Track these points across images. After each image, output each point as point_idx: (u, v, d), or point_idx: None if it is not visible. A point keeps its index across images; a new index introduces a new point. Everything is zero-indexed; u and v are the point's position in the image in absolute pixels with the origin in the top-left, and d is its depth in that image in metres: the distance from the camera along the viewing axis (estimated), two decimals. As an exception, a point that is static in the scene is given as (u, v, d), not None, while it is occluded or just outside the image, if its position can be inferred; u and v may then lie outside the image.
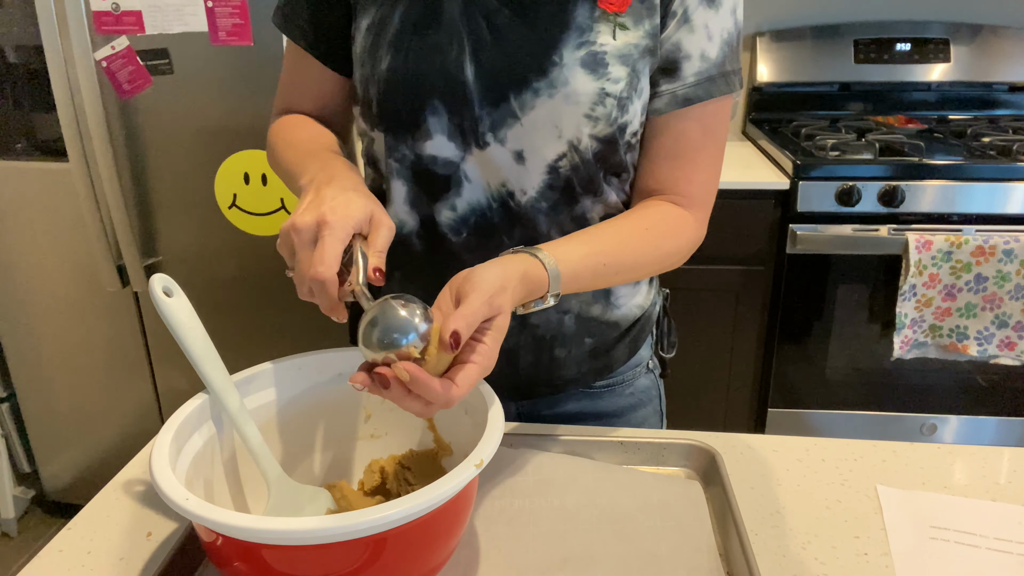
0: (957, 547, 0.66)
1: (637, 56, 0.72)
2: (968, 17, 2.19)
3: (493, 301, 0.58)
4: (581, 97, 0.71)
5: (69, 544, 0.67)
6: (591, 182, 0.76)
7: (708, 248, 0.75)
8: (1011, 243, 1.67)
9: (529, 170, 0.74)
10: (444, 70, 0.72)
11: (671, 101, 0.74)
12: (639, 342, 0.89)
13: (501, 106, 0.72)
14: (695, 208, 0.78)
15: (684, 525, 0.68)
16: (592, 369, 0.86)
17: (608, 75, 0.71)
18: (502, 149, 0.73)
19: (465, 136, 0.74)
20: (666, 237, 0.76)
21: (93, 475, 2.08)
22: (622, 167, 0.78)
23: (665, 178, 0.77)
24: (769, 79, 2.22)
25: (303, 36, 0.81)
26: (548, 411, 0.88)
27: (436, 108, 0.73)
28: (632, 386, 0.90)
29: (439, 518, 0.55)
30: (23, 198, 1.80)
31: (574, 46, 0.70)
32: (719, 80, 0.74)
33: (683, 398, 1.98)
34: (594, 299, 0.82)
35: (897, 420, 1.94)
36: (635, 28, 0.72)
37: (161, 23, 1.60)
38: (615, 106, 0.72)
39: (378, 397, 0.71)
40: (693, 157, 0.77)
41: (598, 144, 0.74)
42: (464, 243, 0.78)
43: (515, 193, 0.75)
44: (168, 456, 0.56)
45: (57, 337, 1.93)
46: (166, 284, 0.62)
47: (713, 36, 0.73)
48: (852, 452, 0.79)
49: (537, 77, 0.70)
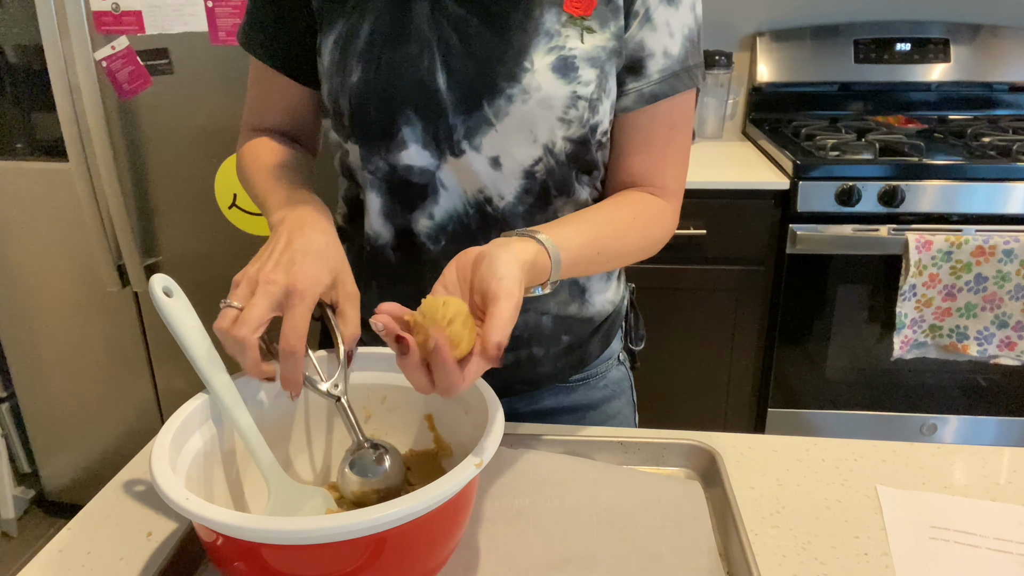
0: (957, 547, 0.66)
1: (605, 58, 0.73)
2: (968, 17, 2.19)
3: (519, 303, 0.57)
4: (554, 101, 0.72)
5: (69, 544, 0.67)
6: (565, 183, 0.78)
7: (708, 248, 0.76)
8: (1011, 243, 1.67)
9: (506, 175, 0.75)
10: (416, 81, 0.73)
11: (638, 99, 0.76)
12: (611, 336, 0.91)
13: (475, 114, 0.72)
14: (669, 197, 0.80)
15: (684, 525, 0.68)
16: (568, 364, 0.88)
17: (579, 78, 0.72)
18: (478, 156, 0.74)
19: (440, 145, 0.74)
20: (651, 225, 0.78)
21: (93, 475, 2.08)
22: (593, 165, 0.80)
23: (638, 172, 0.79)
24: (769, 79, 2.22)
25: (269, 54, 0.82)
26: (526, 408, 0.89)
27: (410, 118, 0.74)
28: (605, 379, 0.92)
29: (439, 518, 0.55)
30: (23, 198, 1.80)
31: (544, 51, 0.71)
32: (683, 75, 0.76)
33: (683, 398, 1.98)
34: (571, 298, 0.84)
35: (897, 420, 1.94)
36: (601, 31, 0.73)
37: (161, 23, 1.60)
38: (587, 108, 0.73)
39: (379, 398, 0.72)
40: (663, 150, 0.79)
41: (571, 146, 0.75)
42: (443, 251, 0.78)
43: (492, 199, 0.76)
44: (168, 456, 0.56)
45: (57, 337, 1.93)
46: (166, 284, 0.62)
47: (675, 33, 0.75)
48: (852, 452, 0.79)
49: (510, 84, 0.71)
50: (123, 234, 1.73)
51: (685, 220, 1.79)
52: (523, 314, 0.81)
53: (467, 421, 0.66)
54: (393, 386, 0.71)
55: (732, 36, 2.28)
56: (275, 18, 0.80)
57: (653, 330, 1.90)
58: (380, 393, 0.72)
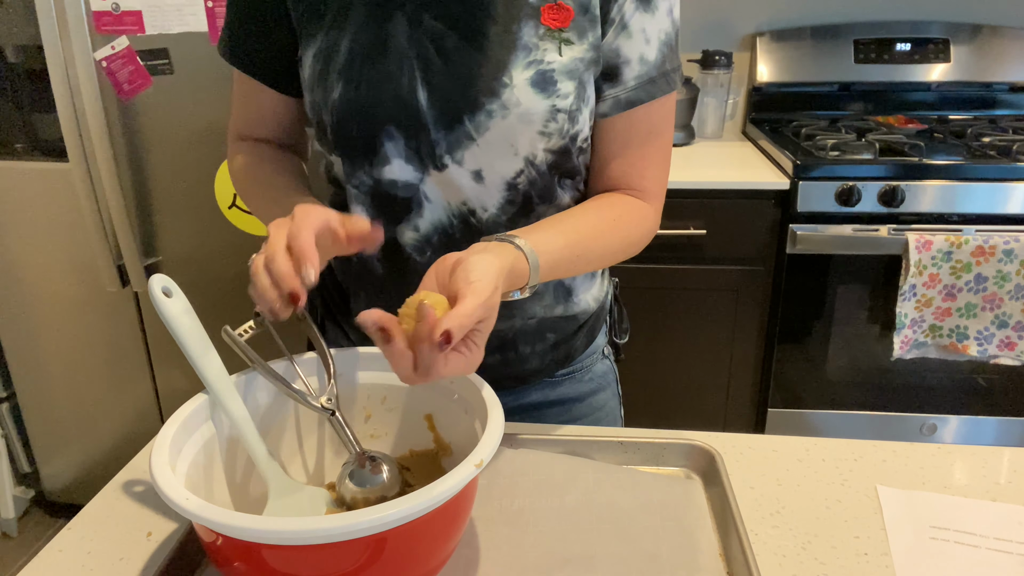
0: (957, 547, 0.66)
1: (583, 69, 0.73)
2: (968, 17, 2.19)
3: (488, 303, 0.58)
4: (534, 116, 0.72)
5: (69, 544, 0.67)
6: (547, 190, 0.78)
7: (708, 248, 0.75)
8: (1011, 243, 1.67)
9: (488, 188, 0.76)
10: (397, 97, 0.73)
11: (615, 105, 0.76)
12: (595, 331, 0.92)
13: (456, 128, 0.73)
14: (650, 199, 0.81)
15: (684, 525, 0.68)
16: (554, 360, 0.88)
17: (557, 92, 0.72)
18: (460, 169, 0.74)
19: (423, 159, 0.75)
20: (632, 227, 0.79)
21: (93, 475, 2.08)
22: (575, 171, 0.80)
23: (618, 176, 0.80)
24: (769, 79, 2.22)
25: (253, 67, 0.82)
26: (513, 403, 0.90)
27: (392, 134, 0.74)
28: (591, 372, 0.93)
29: (439, 518, 0.55)
30: (23, 198, 1.80)
31: (523, 66, 0.72)
32: (659, 81, 0.77)
33: (683, 398, 1.98)
34: (556, 301, 0.85)
35: (897, 420, 1.94)
36: (580, 42, 0.73)
37: (161, 23, 1.60)
38: (566, 120, 0.74)
39: (379, 397, 0.72)
40: (642, 154, 0.79)
41: (553, 156, 0.76)
42: (429, 261, 0.79)
43: (476, 211, 0.77)
44: (168, 456, 0.56)
45: (57, 337, 1.93)
46: (165, 284, 0.62)
47: (651, 39, 0.75)
48: (852, 452, 0.79)
49: (489, 99, 0.72)
50: (123, 234, 1.73)
51: (685, 220, 1.79)
52: (509, 319, 0.83)
53: (467, 421, 0.66)
54: (393, 386, 0.72)
55: (732, 36, 2.28)
56: (257, 31, 0.80)
57: (653, 330, 1.90)
58: (380, 393, 0.72)
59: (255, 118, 0.86)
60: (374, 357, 0.72)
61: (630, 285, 1.86)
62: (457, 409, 0.68)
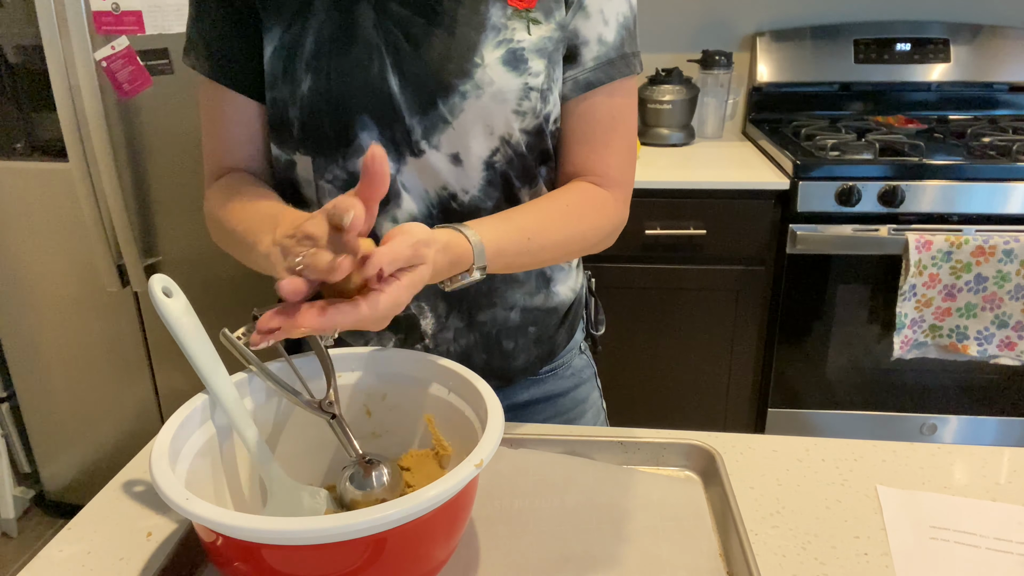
0: (957, 547, 0.66)
1: (552, 48, 0.74)
2: (968, 17, 2.19)
3: (418, 248, 0.57)
4: (507, 94, 0.73)
5: (69, 544, 0.67)
6: (526, 172, 0.79)
7: (708, 248, 0.75)
8: (1011, 243, 1.67)
9: (467, 170, 0.76)
10: (368, 85, 0.72)
11: (574, 87, 0.77)
12: (575, 326, 0.93)
13: (430, 113, 0.73)
14: (613, 188, 0.81)
15: (684, 525, 0.68)
16: (538, 357, 0.89)
17: (529, 70, 0.73)
18: (438, 154, 0.75)
19: (399, 147, 0.75)
20: (585, 214, 0.78)
21: (93, 475, 2.08)
22: (549, 155, 0.80)
23: (581, 161, 0.80)
24: (769, 79, 2.22)
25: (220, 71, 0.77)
26: (504, 402, 0.90)
27: (366, 123, 0.74)
28: (571, 367, 0.94)
29: (439, 518, 0.55)
30: (23, 198, 1.80)
31: (493, 46, 0.72)
32: (619, 63, 0.77)
33: (683, 398, 1.98)
34: (536, 289, 0.85)
35: (897, 420, 1.94)
36: (547, 21, 0.74)
37: (161, 23, 1.60)
38: (538, 98, 0.75)
39: (380, 396, 0.72)
40: (605, 139, 0.79)
41: (528, 137, 0.76)
42: None
43: (457, 194, 0.77)
44: (168, 456, 0.56)
45: (57, 337, 1.93)
46: (165, 284, 0.62)
47: (609, 20, 0.76)
48: (852, 452, 0.79)
49: (462, 80, 0.72)
50: (123, 234, 1.73)
51: (685, 220, 1.79)
52: (491, 308, 0.83)
53: (467, 421, 0.66)
54: (393, 385, 0.72)
55: (732, 36, 2.28)
56: (220, 34, 0.77)
57: (653, 330, 1.90)
58: (380, 392, 0.72)
59: (229, 141, 0.81)
60: (375, 356, 0.72)
61: (630, 285, 1.87)
62: (457, 409, 0.68)
